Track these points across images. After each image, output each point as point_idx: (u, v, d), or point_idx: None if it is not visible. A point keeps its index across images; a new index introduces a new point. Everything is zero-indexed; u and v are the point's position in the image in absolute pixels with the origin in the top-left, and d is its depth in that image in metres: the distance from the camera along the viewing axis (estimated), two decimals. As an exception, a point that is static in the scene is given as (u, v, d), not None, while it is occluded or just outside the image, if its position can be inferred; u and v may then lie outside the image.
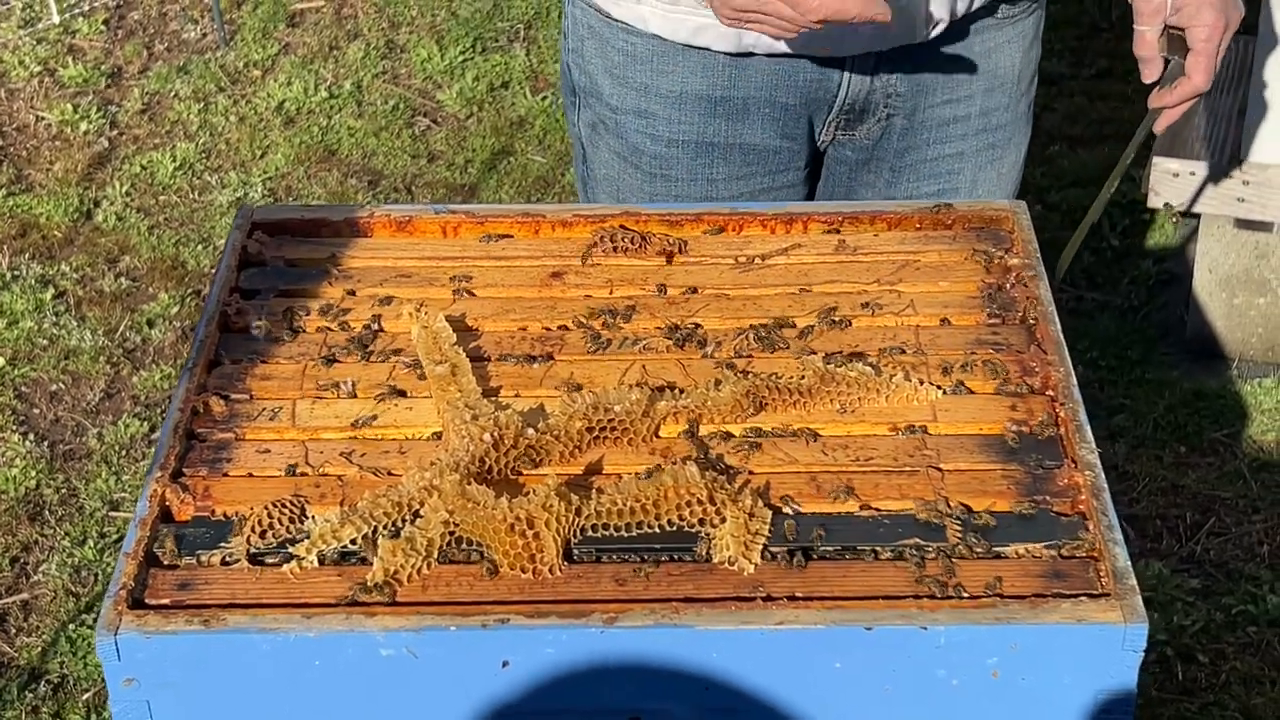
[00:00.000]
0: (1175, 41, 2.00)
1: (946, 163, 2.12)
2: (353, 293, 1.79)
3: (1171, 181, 3.28)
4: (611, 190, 2.12)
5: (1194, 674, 2.80)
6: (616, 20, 2.03)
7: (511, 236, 1.87)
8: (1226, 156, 3.24)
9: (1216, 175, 3.24)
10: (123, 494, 3.23)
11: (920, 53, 2.02)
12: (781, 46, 1.96)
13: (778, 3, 1.73)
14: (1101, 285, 3.67)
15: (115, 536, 3.13)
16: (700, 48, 2.00)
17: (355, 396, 1.66)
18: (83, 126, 4.27)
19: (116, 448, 3.33)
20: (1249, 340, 3.42)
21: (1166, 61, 2.01)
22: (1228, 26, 1.97)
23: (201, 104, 4.37)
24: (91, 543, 3.11)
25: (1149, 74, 2.02)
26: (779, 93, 2.03)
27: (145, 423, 3.39)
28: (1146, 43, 2.00)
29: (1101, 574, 1.45)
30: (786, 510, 1.52)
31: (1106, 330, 3.53)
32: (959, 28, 2.01)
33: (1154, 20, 1.98)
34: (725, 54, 2.00)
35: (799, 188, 2.13)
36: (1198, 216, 3.38)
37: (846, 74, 2.01)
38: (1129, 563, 1.44)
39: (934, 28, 1.97)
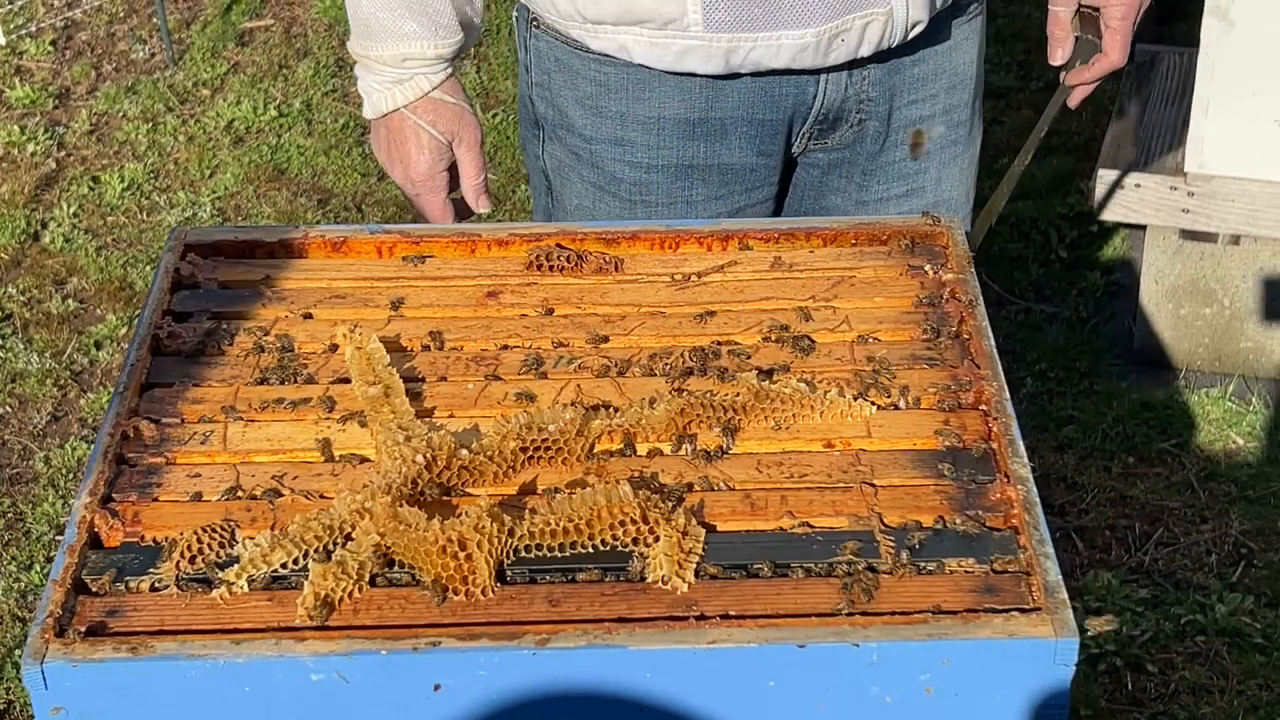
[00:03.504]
0: (1088, 21, 2.09)
1: (914, 163, 2.13)
2: (286, 315, 1.78)
3: (1118, 193, 3.30)
4: (586, 221, 2.11)
5: (1143, 684, 2.81)
6: (592, 52, 2.01)
7: (433, 256, 1.86)
8: (1170, 168, 3.26)
9: (1162, 187, 3.26)
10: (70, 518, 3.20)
11: (891, 56, 2.03)
12: (769, 63, 1.96)
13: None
14: (1050, 297, 3.69)
15: (62, 561, 3.11)
16: (684, 74, 1.98)
17: (293, 420, 1.65)
18: (30, 148, 4.25)
19: (64, 471, 3.31)
20: (1196, 350, 3.44)
21: (1075, 40, 2.10)
22: (1141, 4, 2.05)
23: (150, 124, 4.35)
24: (38, 567, 3.09)
25: (1059, 54, 2.12)
26: (757, 110, 2.03)
27: (93, 446, 3.36)
28: (1060, 22, 2.10)
29: (1033, 588, 1.45)
30: (720, 528, 1.52)
31: (1055, 341, 3.55)
32: (928, 28, 2.02)
33: (1069, 1, 2.07)
34: (708, 76, 1.99)
35: (772, 202, 2.14)
36: (1143, 228, 3.40)
37: (822, 85, 2.02)
38: (1060, 577, 1.45)
39: (914, 30, 1.99)
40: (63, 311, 3.73)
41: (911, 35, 2.00)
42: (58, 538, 3.16)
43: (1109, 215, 3.34)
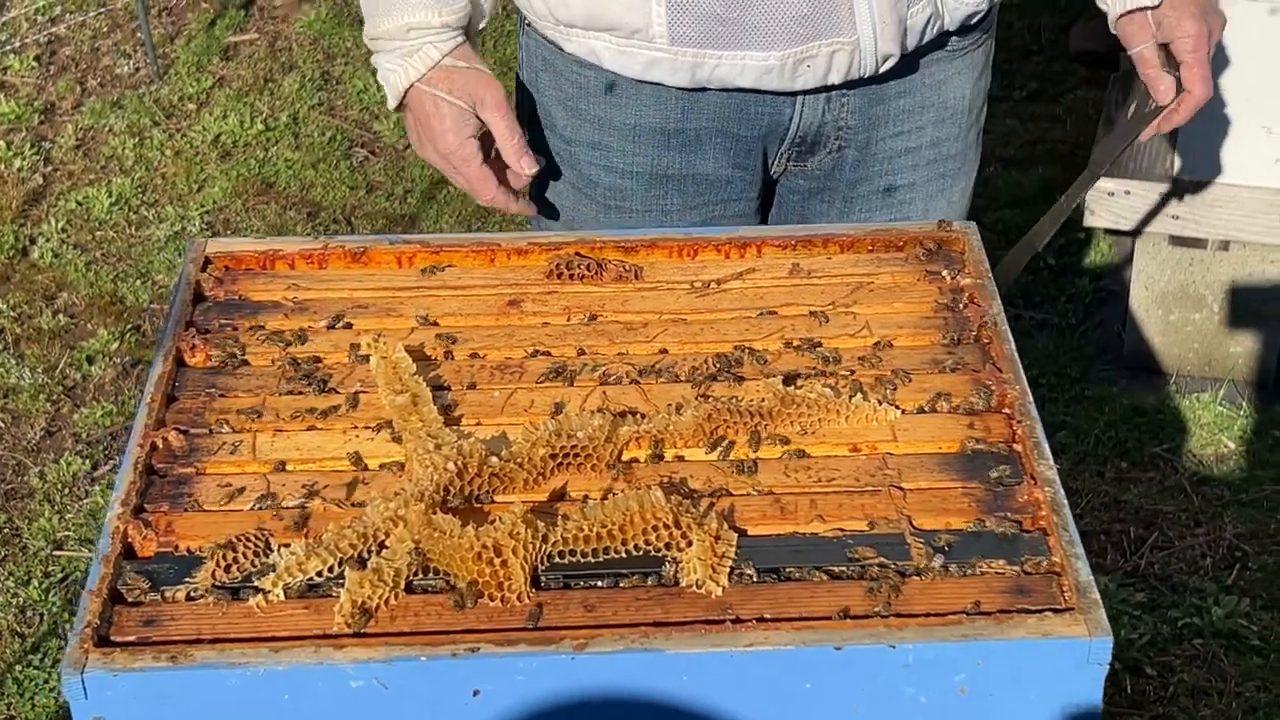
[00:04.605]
0: (1170, 58, 2.02)
1: (899, 193, 2.12)
2: (309, 325, 1.79)
3: (1107, 200, 3.32)
4: (566, 221, 2.12)
5: (1142, 687, 2.83)
6: (569, 54, 2.03)
7: (453, 266, 1.87)
8: (1160, 175, 3.29)
9: (1151, 194, 3.28)
10: (66, 532, 3.19)
11: (871, 86, 2.03)
12: (735, 81, 1.96)
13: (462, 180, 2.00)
14: (1040, 304, 3.71)
15: (60, 576, 3.10)
16: (653, 83, 2.00)
17: (321, 429, 1.65)
18: (16, 163, 4.24)
19: (59, 486, 3.30)
20: (1185, 355, 3.47)
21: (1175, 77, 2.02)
22: (1211, 34, 1.98)
23: (136, 138, 4.34)
24: (36, 582, 3.08)
25: (1165, 92, 2.02)
26: (731, 124, 2.03)
27: (87, 460, 3.35)
28: (1148, 61, 2.02)
29: (1064, 589, 1.46)
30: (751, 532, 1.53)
31: (1046, 348, 3.57)
32: (909, 61, 2.02)
33: (1144, 38, 2.00)
34: (678, 89, 2.00)
35: (751, 216, 2.13)
36: (1133, 234, 3.42)
37: (799, 107, 2.02)
38: (1091, 577, 1.46)
39: (885, 63, 1.98)
40: (53, 326, 3.71)
41: (884, 68, 1.98)
42: (55, 553, 3.15)
43: (1098, 222, 3.37)
